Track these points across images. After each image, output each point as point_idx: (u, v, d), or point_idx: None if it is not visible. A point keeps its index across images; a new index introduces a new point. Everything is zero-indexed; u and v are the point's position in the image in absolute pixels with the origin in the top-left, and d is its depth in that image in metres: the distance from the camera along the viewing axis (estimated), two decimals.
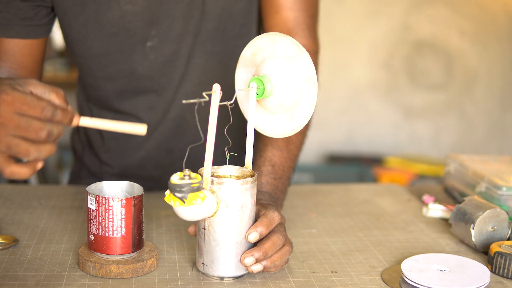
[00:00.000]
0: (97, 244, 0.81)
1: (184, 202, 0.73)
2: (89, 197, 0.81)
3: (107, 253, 0.81)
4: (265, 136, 0.95)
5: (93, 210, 0.81)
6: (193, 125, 1.15)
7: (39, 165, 0.73)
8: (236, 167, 0.84)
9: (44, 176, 2.62)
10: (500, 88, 3.24)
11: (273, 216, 0.81)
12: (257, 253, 0.78)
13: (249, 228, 0.80)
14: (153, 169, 1.18)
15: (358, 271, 0.85)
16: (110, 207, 0.80)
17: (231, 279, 0.81)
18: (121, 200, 0.80)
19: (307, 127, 1.11)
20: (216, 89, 0.75)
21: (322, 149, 3.21)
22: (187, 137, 1.15)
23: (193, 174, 0.74)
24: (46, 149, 0.71)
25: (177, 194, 0.73)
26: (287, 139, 1.03)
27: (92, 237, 0.81)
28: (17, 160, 0.73)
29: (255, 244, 0.81)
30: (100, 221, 0.80)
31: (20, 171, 0.72)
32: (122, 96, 1.12)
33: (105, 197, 0.80)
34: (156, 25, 1.06)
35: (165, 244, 0.92)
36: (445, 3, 3.12)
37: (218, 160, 0.88)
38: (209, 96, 0.75)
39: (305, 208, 1.10)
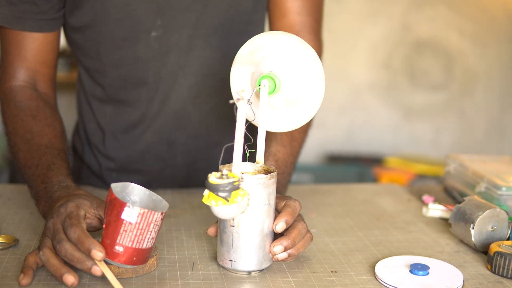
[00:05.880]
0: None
1: (227, 200, 0.75)
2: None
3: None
4: (270, 133, 0.96)
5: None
6: (195, 118, 1.15)
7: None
8: (249, 163, 0.86)
9: None
10: (499, 88, 3.24)
11: (295, 205, 0.85)
12: (285, 241, 0.82)
13: (275, 219, 0.83)
14: (154, 162, 1.18)
15: (358, 271, 0.86)
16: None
17: (257, 272, 0.83)
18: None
19: (309, 126, 1.13)
20: (245, 90, 0.79)
21: (322, 149, 3.21)
22: (189, 130, 1.16)
23: (229, 173, 0.77)
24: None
25: (220, 193, 0.75)
26: (291, 137, 1.06)
27: (120, 249, 0.77)
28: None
29: (279, 235, 0.84)
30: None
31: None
32: (125, 85, 1.13)
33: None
34: (162, 15, 1.07)
35: (165, 244, 0.92)
36: (445, 3, 3.12)
37: (219, 157, 0.87)
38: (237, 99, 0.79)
39: (305, 208, 1.10)
